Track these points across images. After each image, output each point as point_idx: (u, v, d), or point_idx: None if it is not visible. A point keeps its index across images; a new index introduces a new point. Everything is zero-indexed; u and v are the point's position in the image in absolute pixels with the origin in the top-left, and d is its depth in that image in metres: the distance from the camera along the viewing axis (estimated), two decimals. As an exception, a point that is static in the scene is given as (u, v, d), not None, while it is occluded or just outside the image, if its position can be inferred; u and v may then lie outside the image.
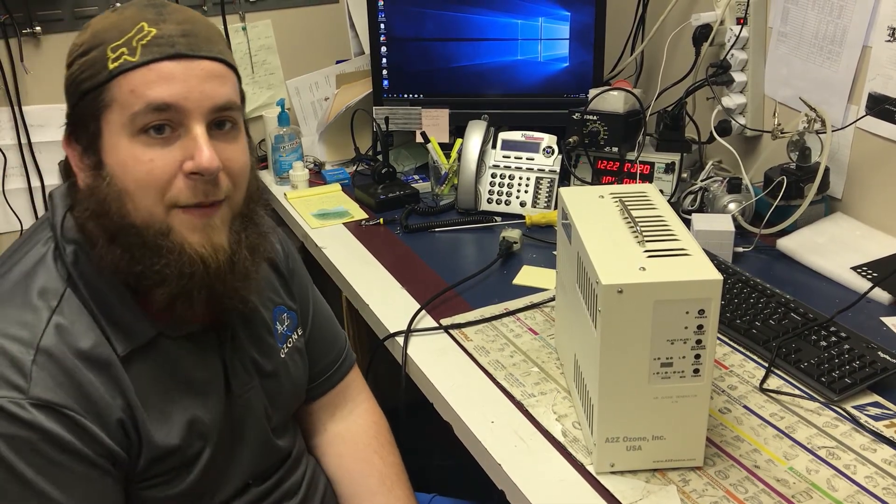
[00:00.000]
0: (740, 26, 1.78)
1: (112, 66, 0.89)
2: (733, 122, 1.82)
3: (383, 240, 1.77)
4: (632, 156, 1.81)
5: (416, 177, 2.09)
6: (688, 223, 1.59)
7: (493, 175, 1.87)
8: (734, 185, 1.67)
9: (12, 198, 2.10)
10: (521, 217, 1.82)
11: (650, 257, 0.98)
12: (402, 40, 2.06)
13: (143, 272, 0.91)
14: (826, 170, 1.57)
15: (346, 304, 1.68)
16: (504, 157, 1.89)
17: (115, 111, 0.90)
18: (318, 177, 2.13)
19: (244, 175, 0.97)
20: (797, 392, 1.18)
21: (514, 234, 1.67)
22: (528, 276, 1.57)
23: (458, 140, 1.92)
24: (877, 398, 1.16)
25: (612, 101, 1.79)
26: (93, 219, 0.92)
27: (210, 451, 1.00)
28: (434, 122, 2.07)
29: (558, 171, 1.85)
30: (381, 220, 1.85)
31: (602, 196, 1.16)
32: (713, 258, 1.48)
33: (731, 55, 1.80)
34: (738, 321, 1.33)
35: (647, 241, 1.01)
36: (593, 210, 1.13)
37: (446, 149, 1.96)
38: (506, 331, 1.37)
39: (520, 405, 1.19)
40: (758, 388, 1.19)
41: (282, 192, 2.04)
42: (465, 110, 2.02)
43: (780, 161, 1.68)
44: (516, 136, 1.90)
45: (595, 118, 1.79)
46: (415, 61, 2.07)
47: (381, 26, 2.05)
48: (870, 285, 1.40)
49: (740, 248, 1.59)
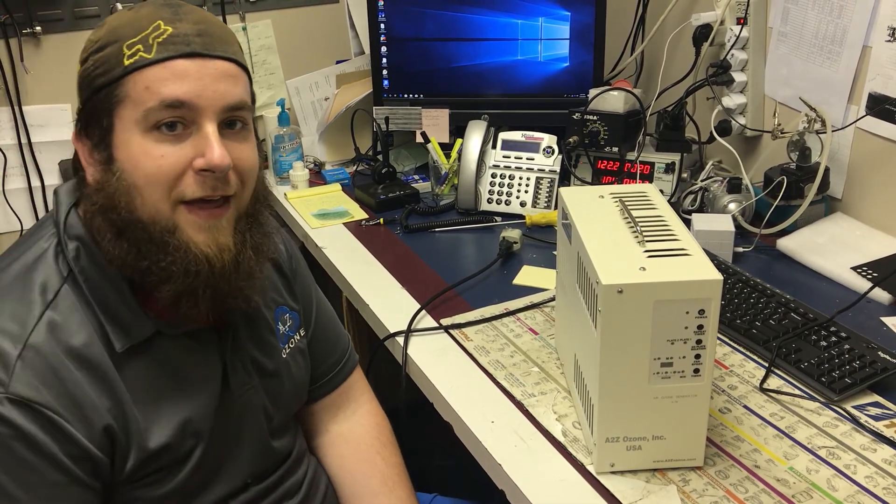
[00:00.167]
0: (740, 26, 1.78)
1: (127, 62, 0.90)
2: (733, 122, 1.82)
3: (383, 240, 1.77)
4: (632, 156, 1.81)
5: (416, 177, 2.09)
6: (688, 223, 1.59)
7: (493, 175, 1.87)
8: (734, 185, 1.67)
9: (12, 198, 2.10)
10: (521, 217, 1.82)
11: (650, 257, 0.98)
12: (402, 40, 2.06)
13: (150, 268, 0.91)
14: (826, 170, 1.57)
15: (347, 305, 1.68)
16: (504, 157, 1.89)
17: (129, 107, 0.90)
18: (318, 177, 2.13)
19: (253, 175, 0.98)
20: (797, 392, 1.18)
21: (514, 234, 1.67)
22: (528, 276, 1.57)
23: (458, 140, 1.92)
24: (877, 398, 1.16)
25: (612, 101, 1.79)
26: (101, 213, 0.92)
27: (202, 448, 0.99)
28: (434, 122, 2.07)
29: (558, 171, 1.85)
30: (381, 220, 1.85)
31: (602, 196, 1.16)
32: (713, 258, 1.48)
33: (731, 55, 1.80)
34: (738, 321, 1.33)
35: (647, 241, 1.01)
36: (593, 210, 1.13)
37: (446, 149, 1.96)
38: (506, 331, 1.37)
39: (520, 405, 1.19)
40: (758, 388, 1.19)
41: (282, 192, 2.04)
42: (465, 110, 2.02)
43: (780, 161, 1.68)
44: (516, 136, 1.90)
45: (595, 118, 1.79)
46: (415, 61, 2.07)
47: (381, 26, 2.05)
48: (870, 285, 1.40)
49: (740, 248, 1.59)
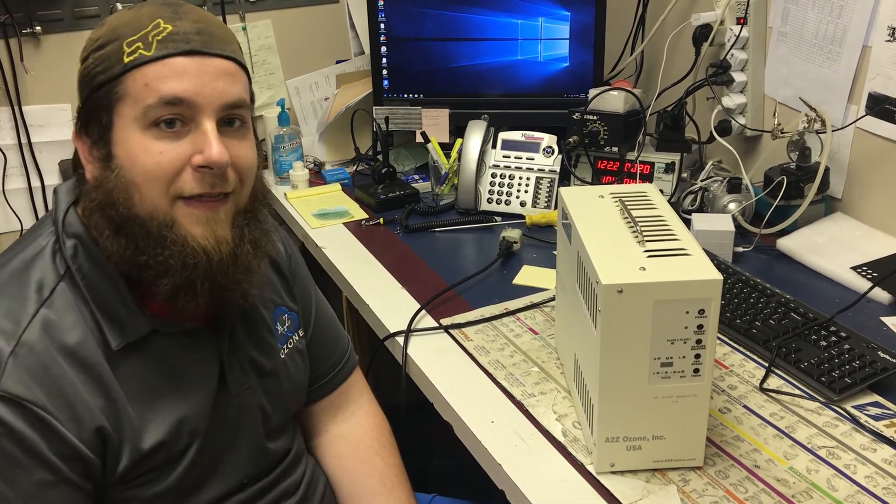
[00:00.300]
0: (740, 26, 1.78)
1: (127, 59, 0.91)
2: (733, 122, 1.82)
3: (383, 240, 1.77)
4: (632, 156, 1.81)
5: (416, 177, 2.09)
6: (688, 223, 1.59)
7: (493, 175, 1.87)
8: (734, 185, 1.67)
9: (12, 198, 2.10)
10: (521, 217, 1.82)
11: (650, 257, 0.98)
12: (402, 40, 2.06)
13: (148, 262, 0.92)
14: (826, 170, 1.57)
15: (347, 304, 1.68)
16: (504, 157, 1.89)
17: (128, 104, 0.91)
18: (318, 177, 2.13)
19: (251, 172, 0.99)
20: (797, 392, 1.18)
21: (514, 233, 1.67)
22: (528, 275, 1.57)
23: (458, 140, 1.92)
24: (877, 398, 1.16)
25: (612, 101, 1.79)
26: (99, 210, 0.93)
27: (197, 447, 0.99)
28: (434, 122, 2.07)
29: (558, 171, 1.85)
30: (381, 220, 1.85)
31: (602, 196, 1.16)
32: (713, 258, 1.48)
33: (731, 55, 1.80)
34: (738, 321, 1.33)
35: (647, 241, 1.01)
36: (593, 210, 1.13)
37: (446, 149, 1.96)
38: (506, 331, 1.37)
39: (520, 405, 1.19)
40: (758, 388, 1.19)
41: (282, 192, 2.04)
42: (465, 110, 2.02)
43: (780, 161, 1.68)
44: (516, 135, 1.90)
45: (595, 118, 1.79)
46: (415, 61, 2.07)
47: (381, 26, 2.05)
48: (870, 285, 1.40)
49: (740, 248, 1.59)
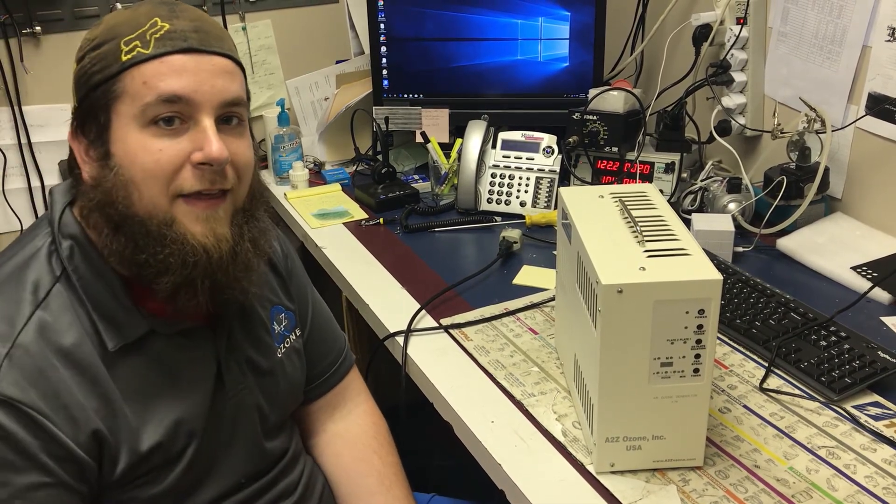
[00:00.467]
0: (740, 26, 1.78)
1: (125, 58, 0.91)
2: (733, 122, 1.82)
3: (383, 240, 1.77)
4: (632, 156, 1.81)
5: (416, 177, 2.09)
6: (688, 223, 1.59)
7: (493, 175, 1.87)
8: (734, 185, 1.67)
9: (12, 198, 2.10)
10: (521, 217, 1.82)
11: (650, 257, 0.98)
12: (402, 40, 2.06)
13: (147, 261, 0.91)
14: (826, 170, 1.57)
15: (346, 304, 1.68)
16: (504, 157, 1.89)
17: (126, 102, 0.91)
18: (318, 177, 2.13)
19: (249, 170, 0.99)
20: (797, 392, 1.18)
21: (514, 233, 1.67)
22: (528, 275, 1.57)
23: (458, 140, 1.92)
24: (877, 398, 1.16)
25: (612, 101, 1.79)
26: (98, 209, 0.93)
27: (195, 448, 0.99)
28: (434, 122, 2.07)
29: (558, 171, 1.85)
30: (381, 220, 1.85)
31: (602, 196, 1.16)
32: (713, 258, 1.48)
33: (731, 55, 1.80)
34: (738, 321, 1.33)
35: (647, 241, 1.01)
36: (593, 210, 1.13)
37: (446, 149, 1.96)
38: (506, 331, 1.37)
39: (520, 405, 1.19)
40: (758, 388, 1.19)
41: (282, 192, 2.04)
42: (465, 110, 2.02)
43: (780, 161, 1.68)
44: (516, 136, 1.90)
45: (595, 118, 1.79)
46: (415, 61, 2.07)
47: (381, 26, 2.05)
48: (870, 285, 1.40)
49: (740, 248, 1.59)
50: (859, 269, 1.47)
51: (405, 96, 2.09)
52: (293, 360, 1.17)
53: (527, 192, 1.85)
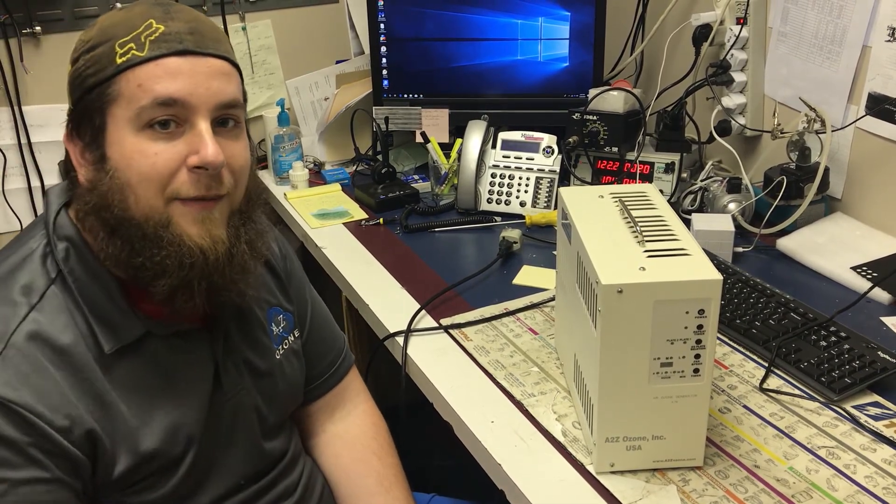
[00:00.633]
0: (740, 26, 1.78)
1: (120, 60, 0.90)
2: (733, 122, 1.82)
3: (383, 240, 1.77)
4: (632, 156, 1.81)
5: (416, 177, 2.09)
6: (688, 223, 1.59)
7: (493, 175, 1.87)
8: (734, 185, 1.67)
9: (12, 198, 2.10)
10: (521, 217, 1.82)
11: (650, 257, 0.98)
12: (402, 40, 2.06)
13: (144, 263, 0.91)
14: (826, 170, 1.57)
15: (346, 304, 1.68)
16: (504, 157, 1.89)
17: (122, 105, 0.90)
18: (318, 177, 2.13)
19: (245, 172, 0.98)
20: (797, 392, 1.18)
21: (514, 234, 1.67)
22: (528, 276, 1.57)
23: (458, 140, 1.92)
24: (877, 398, 1.16)
25: (612, 101, 1.79)
26: (94, 212, 0.92)
27: (195, 452, 0.99)
28: (434, 122, 2.07)
29: (558, 171, 1.85)
30: (381, 220, 1.85)
31: (602, 196, 1.16)
32: (713, 258, 1.48)
33: (731, 55, 1.80)
34: (738, 321, 1.33)
35: (647, 241, 1.01)
36: (593, 210, 1.13)
37: (446, 149, 1.96)
38: (506, 331, 1.37)
39: (520, 405, 1.19)
40: (758, 388, 1.19)
41: (282, 192, 2.04)
42: (465, 110, 2.02)
43: (779, 161, 1.68)
44: (516, 136, 1.90)
45: (595, 118, 1.79)
46: (415, 61, 2.07)
47: (381, 26, 2.05)
48: (870, 285, 1.40)
49: (740, 248, 1.59)
50: (859, 269, 1.47)
51: (405, 96, 2.09)
52: (292, 362, 1.16)
53: (527, 192, 1.85)
